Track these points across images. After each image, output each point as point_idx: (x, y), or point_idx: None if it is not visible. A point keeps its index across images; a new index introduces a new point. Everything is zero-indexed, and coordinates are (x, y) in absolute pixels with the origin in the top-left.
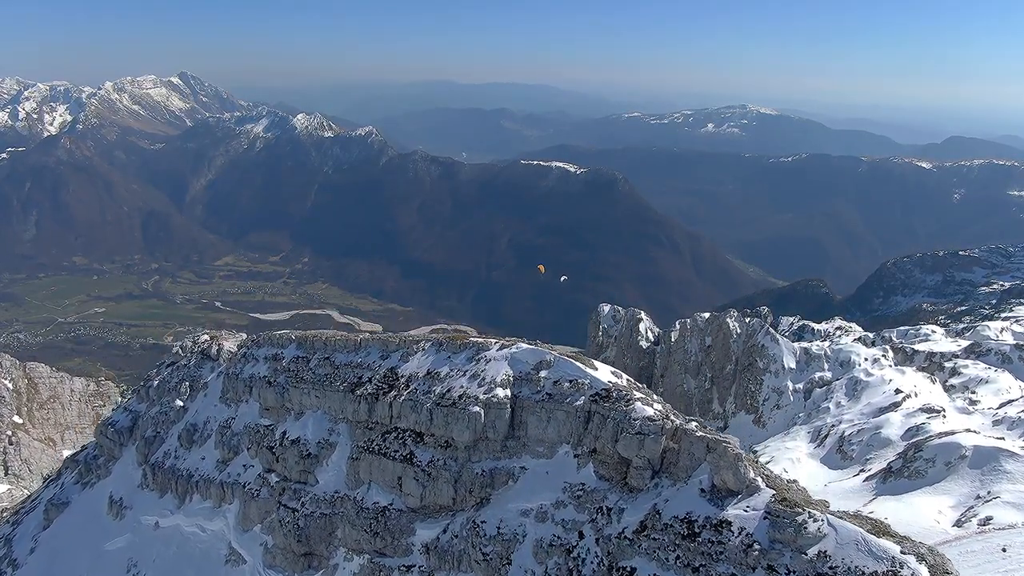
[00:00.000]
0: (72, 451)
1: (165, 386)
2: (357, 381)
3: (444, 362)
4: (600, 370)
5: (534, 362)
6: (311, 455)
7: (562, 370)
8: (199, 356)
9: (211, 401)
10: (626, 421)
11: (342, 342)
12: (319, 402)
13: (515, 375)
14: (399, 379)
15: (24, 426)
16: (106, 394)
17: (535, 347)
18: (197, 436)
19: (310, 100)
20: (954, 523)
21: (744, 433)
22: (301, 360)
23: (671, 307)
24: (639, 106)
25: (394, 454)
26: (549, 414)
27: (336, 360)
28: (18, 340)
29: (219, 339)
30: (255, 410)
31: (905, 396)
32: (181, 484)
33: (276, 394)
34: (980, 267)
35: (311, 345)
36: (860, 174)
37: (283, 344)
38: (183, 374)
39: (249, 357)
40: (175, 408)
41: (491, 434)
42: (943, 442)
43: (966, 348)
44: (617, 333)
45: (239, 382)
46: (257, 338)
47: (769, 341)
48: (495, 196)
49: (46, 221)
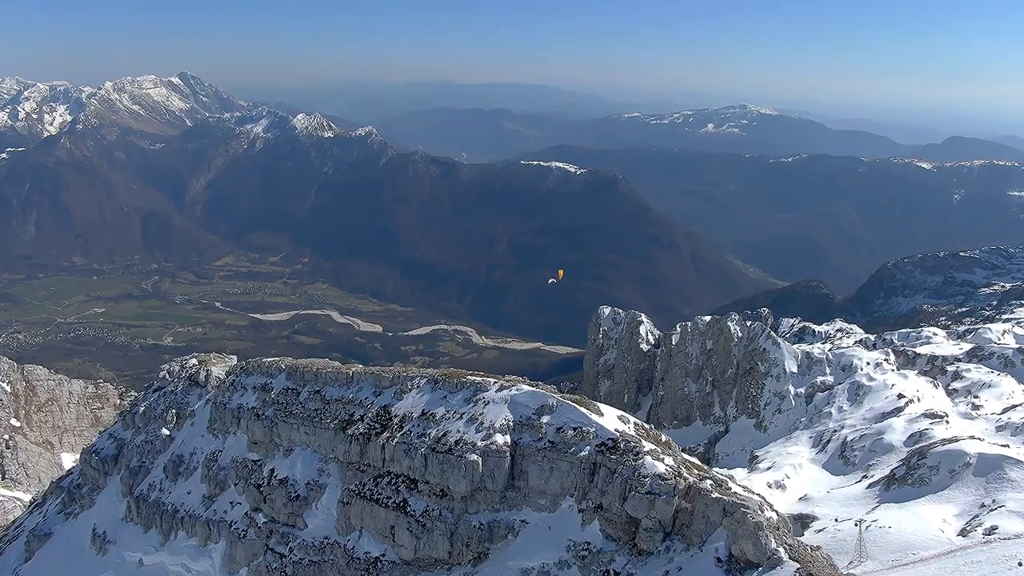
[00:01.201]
0: (70, 454)
1: (151, 413)
2: (349, 419)
3: (440, 402)
4: (606, 416)
5: (535, 406)
6: (300, 497)
7: (565, 416)
8: (186, 382)
9: (198, 431)
10: (635, 478)
11: (333, 375)
12: (309, 439)
13: (515, 420)
14: (392, 418)
15: (22, 429)
16: (104, 396)
17: (536, 389)
18: (183, 468)
19: (310, 100)
20: (959, 532)
21: (745, 437)
22: (291, 392)
23: (671, 307)
24: (639, 106)
25: (387, 501)
26: (552, 464)
27: (327, 394)
28: (17, 341)
29: (207, 364)
30: (243, 443)
31: (908, 401)
32: (166, 519)
33: (264, 428)
34: (981, 268)
35: (301, 376)
36: (860, 174)
37: (272, 374)
38: (170, 401)
39: (237, 386)
40: (161, 437)
41: (490, 484)
42: (947, 449)
43: (968, 352)
44: (617, 336)
45: (227, 412)
46: (246, 366)
47: (771, 345)
48: (495, 196)
49: (46, 221)
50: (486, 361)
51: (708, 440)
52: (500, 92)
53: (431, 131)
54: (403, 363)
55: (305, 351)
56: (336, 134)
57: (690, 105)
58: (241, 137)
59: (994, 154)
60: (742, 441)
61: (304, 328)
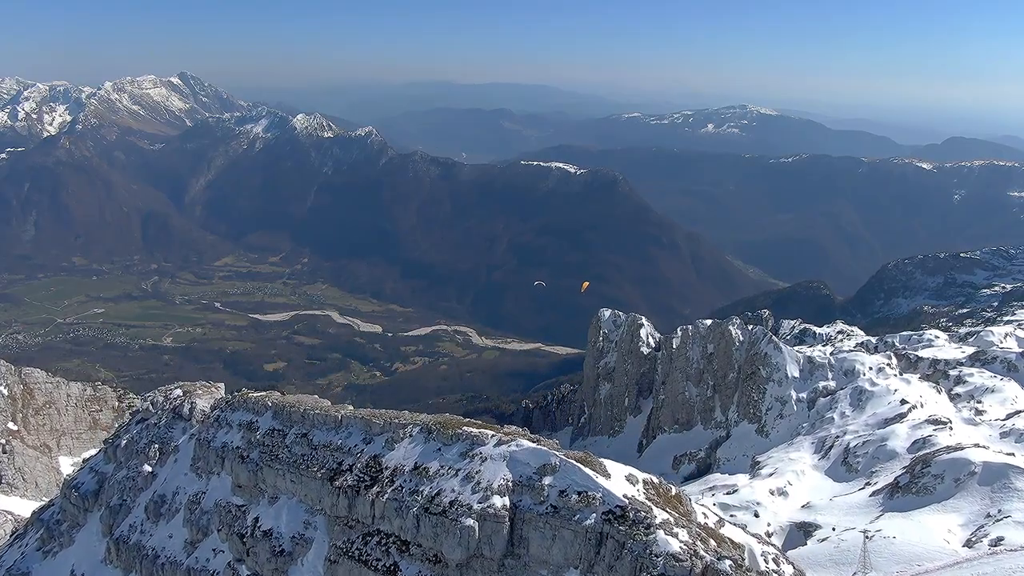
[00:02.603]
0: (67, 457)
1: (133, 447)
2: (337, 467)
3: (434, 455)
4: (613, 478)
5: (537, 465)
6: (285, 552)
7: (569, 477)
8: (170, 415)
9: (181, 469)
10: (647, 556)
11: (321, 417)
12: (295, 488)
13: (514, 480)
14: (383, 471)
15: (19, 433)
16: (103, 399)
17: (538, 446)
18: (165, 509)
19: (310, 100)
20: (964, 543)
21: (747, 442)
22: (277, 434)
23: (671, 308)
24: (639, 106)
25: (376, 563)
26: (555, 531)
27: (314, 439)
28: (17, 341)
29: (192, 396)
30: (227, 485)
31: (911, 407)
32: (146, 565)
33: (249, 472)
34: (981, 269)
35: (288, 416)
36: (860, 175)
37: (259, 411)
38: (152, 435)
39: (222, 422)
40: (143, 474)
41: (487, 551)
42: (951, 457)
43: (971, 356)
44: (618, 338)
45: (211, 451)
46: (232, 400)
47: (772, 350)
48: (495, 197)
49: (45, 221)
50: (486, 361)
51: (709, 445)
52: (500, 92)
53: (431, 131)
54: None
55: (305, 351)
56: (336, 134)
57: (690, 105)
58: (241, 137)
59: (994, 154)
60: (743, 446)
61: (304, 328)
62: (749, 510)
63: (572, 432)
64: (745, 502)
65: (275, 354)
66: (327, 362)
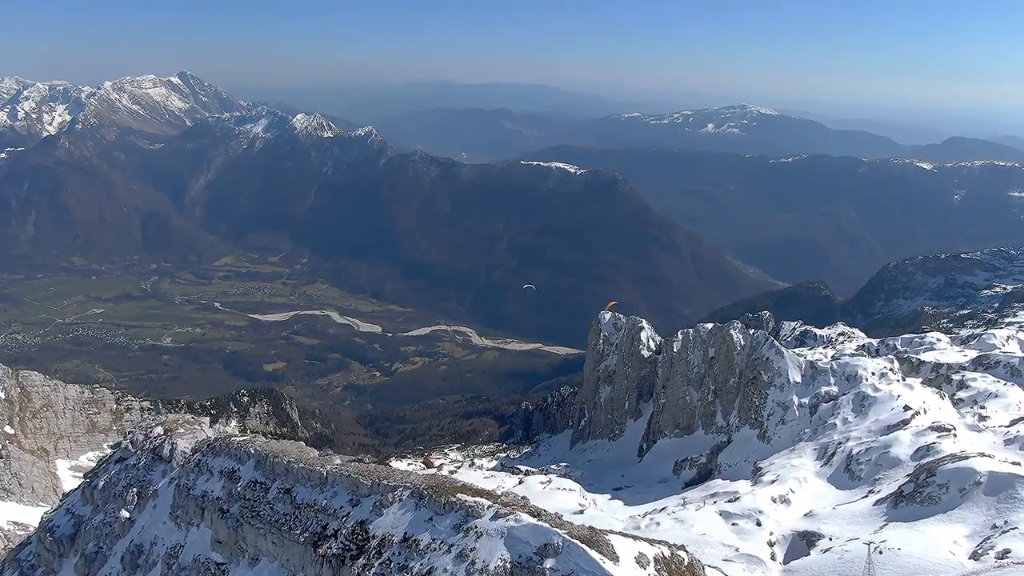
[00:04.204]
0: (65, 460)
1: (111, 489)
2: (321, 531)
3: (425, 526)
4: (622, 562)
5: (537, 545)
6: None
7: (573, 561)
8: (150, 456)
9: (160, 516)
10: None
11: (306, 472)
12: (276, 550)
13: (513, 561)
14: (370, 539)
15: (16, 437)
16: (101, 401)
17: (538, 521)
18: (142, 560)
19: (310, 100)
20: (970, 555)
21: (748, 448)
22: (259, 487)
23: (671, 308)
24: (639, 106)
25: None
26: None
27: (298, 496)
28: (16, 341)
29: (173, 435)
30: (206, 539)
31: (914, 413)
32: None
33: (229, 528)
34: (982, 270)
35: (271, 468)
36: (860, 175)
37: (241, 458)
38: (131, 477)
39: (203, 468)
40: (120, 520)
41: None
42: (956, 467)
43: (974, 360)
44: (618, 341)
45: (190, 500)
46: (214, 444)
47: (774, 354)
48: (495, 197)
49: (45, 221)
50: (486, 361)
51: (711, 450)
52: (500, 92)
53: (431, 131)
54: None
55: (305, 351)
56: (336, 134)
57: (690, 105)
58: (241, 137)
59: (994, 154)
60: (745, 452)
61: (303, 329)
62: (751, 519)
63: (572, 435)
64: (747, 510)
65: (275, 354)
66: (327, 362)
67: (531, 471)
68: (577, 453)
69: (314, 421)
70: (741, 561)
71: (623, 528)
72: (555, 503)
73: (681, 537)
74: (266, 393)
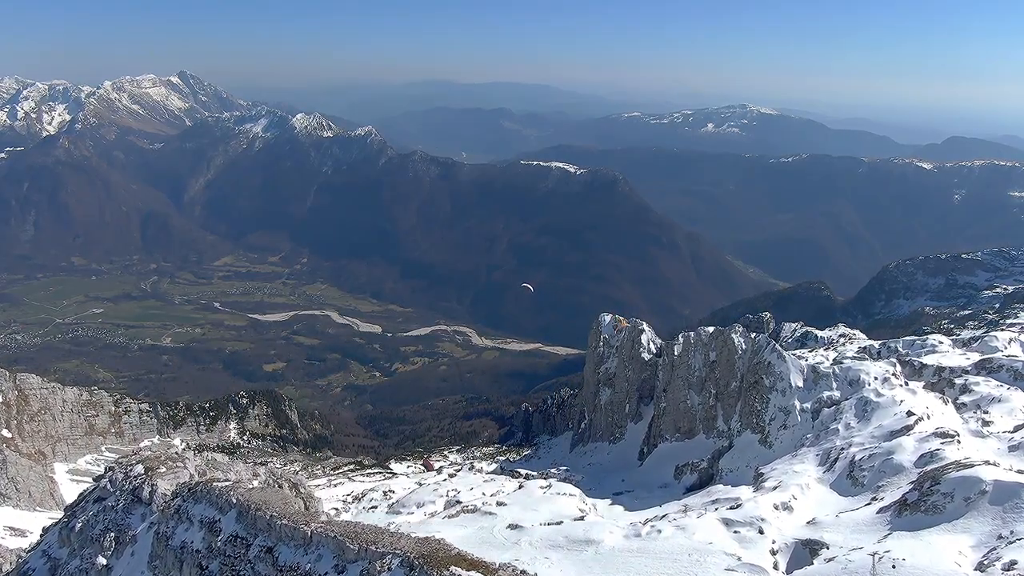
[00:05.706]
0: (62, 464)
1: (88, 532)
2: None
3: None
4: None
5: None
6: None
7: None
8: (129, 497)
9: (138, 565)
10: None
11: (289, 530)
12: None
13: None
14: None
15: (13, 440)
16: (99, 403)
17: None
18: None
19: (309, 100)
20: (976, 566)
21: (750, 453)
22: (240, 542)
23: (671, 308)
24: (639, 106)
25: None
26: None
27: (280, 557)
28: (16, 341)
29: (154, 475)
30: None
31: (917, 419)
32: None
33: None
34: (983, 270)
35: (253, 521)
36: (860, 175)
37: (223, 507)
38: (109, 520)
39: (183, 515)
40: (96, 567)
41: None
42: (962, 475)
43: (976, 363)
44: (618, 344)
45: (169, 551)
46: (195, 489)
47: (776, 359)
48: (495, 196)
49: (44, 221)
50: (486, 362)
51: (712, 455)
52: (500, 92)
53: (431, 131)
54: (401, 361)
55: (304, 351)
56: (336, 134)
57: (690, 105)
58: (240, 137)
59: (994, 154)
60: (746, 457)
61: (303, 329)
62: (753, 526)
63: (572, 437)
64: (749, 517)
65: (274, 354)
66: (326, 362)
67: (531, 475)
68: (577, 456)
69: (313, 422)
70: (744, 571)
71: (624, 535)
72: (555, 508)
73: (684, 545)
74: (265, 394)
